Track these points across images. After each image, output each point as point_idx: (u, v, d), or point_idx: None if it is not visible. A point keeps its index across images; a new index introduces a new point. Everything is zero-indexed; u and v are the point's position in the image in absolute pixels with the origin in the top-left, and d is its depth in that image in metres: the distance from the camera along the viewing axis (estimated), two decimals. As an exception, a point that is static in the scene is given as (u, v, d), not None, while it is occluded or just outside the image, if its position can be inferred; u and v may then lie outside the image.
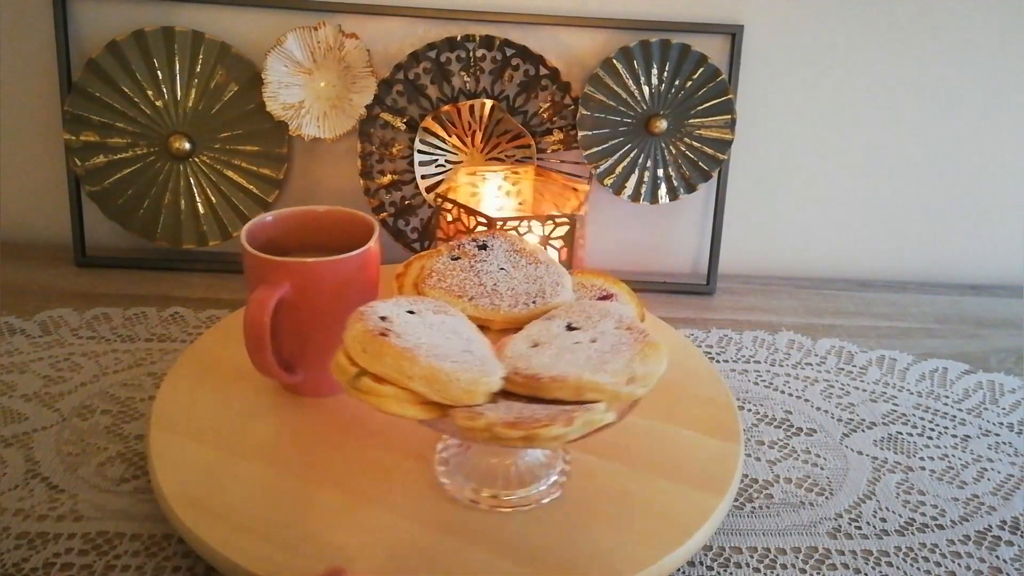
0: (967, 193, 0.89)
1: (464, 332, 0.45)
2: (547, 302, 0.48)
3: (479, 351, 0.44)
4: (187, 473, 0.50)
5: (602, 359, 0.42)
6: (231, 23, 0.79)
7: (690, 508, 0.49)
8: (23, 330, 0.69)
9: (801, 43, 0.82)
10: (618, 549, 0.46)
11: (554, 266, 0.51)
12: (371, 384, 0.40)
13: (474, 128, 0.82)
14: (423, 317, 0.45)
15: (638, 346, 0.43)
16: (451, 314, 0.47)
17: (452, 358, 0.41)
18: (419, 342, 0.42)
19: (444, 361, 0.41)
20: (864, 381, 0.70)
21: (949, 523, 0.55)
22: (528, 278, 0.50)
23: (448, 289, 0.49)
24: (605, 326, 0.45)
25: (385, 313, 0.43)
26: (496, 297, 0.49)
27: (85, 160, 0.79)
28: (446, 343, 0.43)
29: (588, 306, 0.48)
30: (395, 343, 0.41)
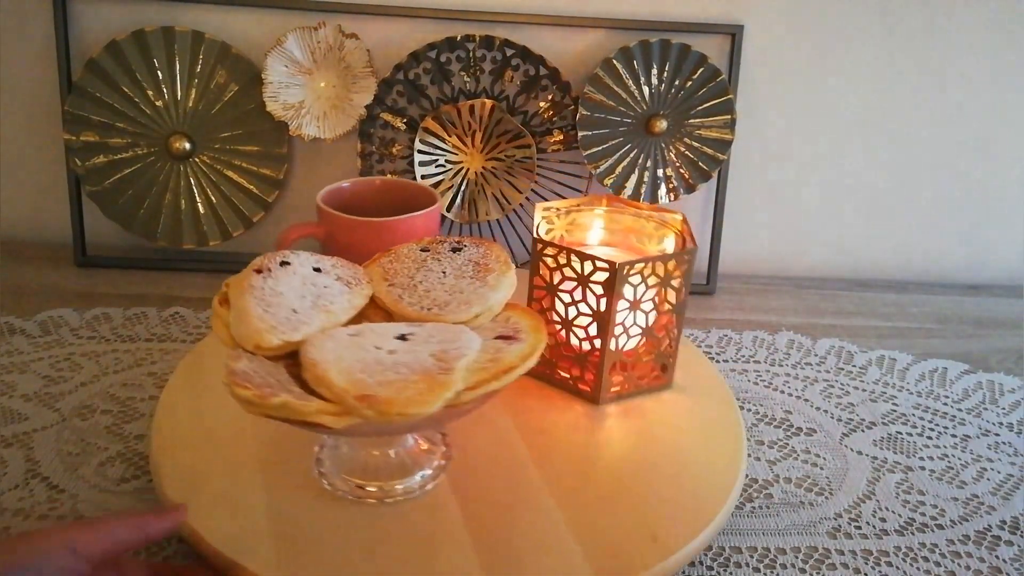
0: (967, 193, 0.89)
1: (323, 297, 0.47)
2: (440, 314, 0.47)
3: (306, 314, 0.45)
4: (188, 473, 0.50)
5: (379, 369, 0.41)
6: (231, 23, 0.79)
7: (693, 510, 0.49)
8: (23, 330, 0.69)
9: (801, 43, 0.82)
10: (620, 550, 0.46)
11: (485, 289, 0.49)
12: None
13: (474, 128, 0.82)
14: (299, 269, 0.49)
15: (420, 380, 0.40)
16: (329, 278, 0.49)
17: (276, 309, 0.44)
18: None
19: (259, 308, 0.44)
20: (864, 381, 0.70)
21: (949, 523, 0.55)
22: (452, 290, 0.49)
23: (384, 269, 0.52)
24: (427, 350, 0.43)
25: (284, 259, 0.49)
26: (410, 292, 0.49)
27: (85, 160, 0.79)
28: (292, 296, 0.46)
29: (455, 331, 0.45)
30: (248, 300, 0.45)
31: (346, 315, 0.47)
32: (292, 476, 0.50)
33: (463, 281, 0.50)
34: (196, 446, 0.52)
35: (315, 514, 0.47)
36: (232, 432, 0.54)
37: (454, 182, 0.83)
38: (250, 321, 0.43)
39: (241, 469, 0.51)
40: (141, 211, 0.81)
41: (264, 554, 0.44)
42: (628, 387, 0.60)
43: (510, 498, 0.49)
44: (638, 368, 0.60)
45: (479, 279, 0.50)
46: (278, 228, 0.86)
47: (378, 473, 0.50)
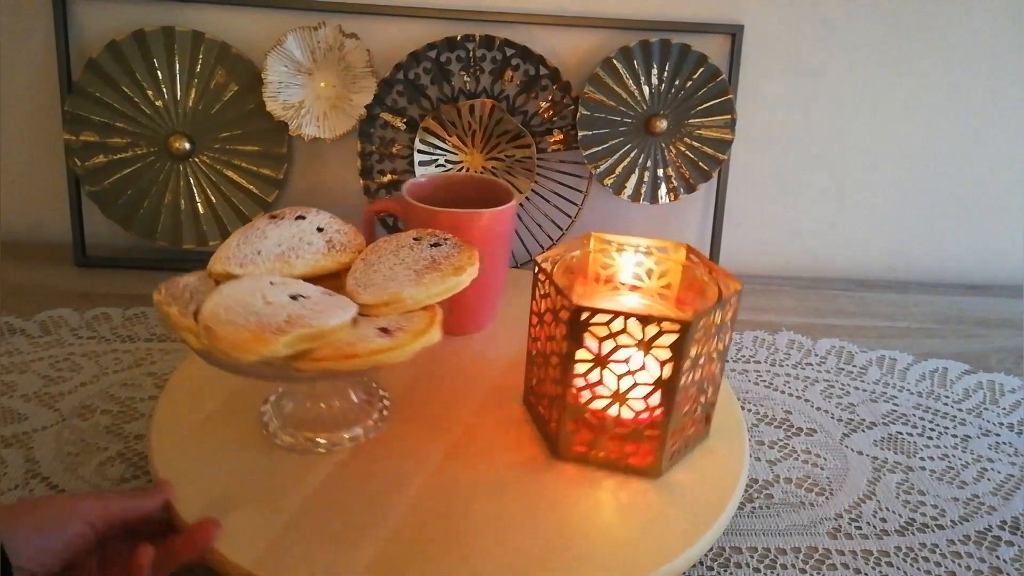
0: (967, 193, 0.89)
1: (294, 250, 0.52)
2: (357, 291, 0.49)
3: (267, 258, 0.51)
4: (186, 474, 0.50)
5: (240, 312, 0.44)
6: (231, 23, 0.79)
7: (695, 511, 0.49)
8: (23, 330, 0.69)
9: (801, 43, 0.82)
10: (622, 553, 0.46)
11: (413, 284, 0.49)
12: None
13: (474, 128, 0.82)
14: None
15: (253, 330, 0.42)
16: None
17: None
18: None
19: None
20: (864, 381, 0.70)
21: (949, 523, 0.54)
22: (389, 276, 0.50)
23: (376, 246, 0.54)
24: (293, 310, 0.45)
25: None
26: (364, 269, 0.51)
27: (85, 160, 0.79)
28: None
29: (335, 304, 0.47)
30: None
31: (302, 269, 0.51)
32: (293, 475, 0.50)
33: (407, 272, 0.50)
34: (194, 445, 0.52)
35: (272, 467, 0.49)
36: (231, 431, 0.54)
37: (454, 182, 0.83)
38: (220, 248, 0.51)
39: (241, 470, 0.50)
40: (141, 211, 0.81)
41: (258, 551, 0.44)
42: (680, 447, 0.52)
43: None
44: (688, 426, 0.52)
45: (420, 274, 0.50)
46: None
47: (321, 425, 0.53)
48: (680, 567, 0.46)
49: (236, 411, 0.56)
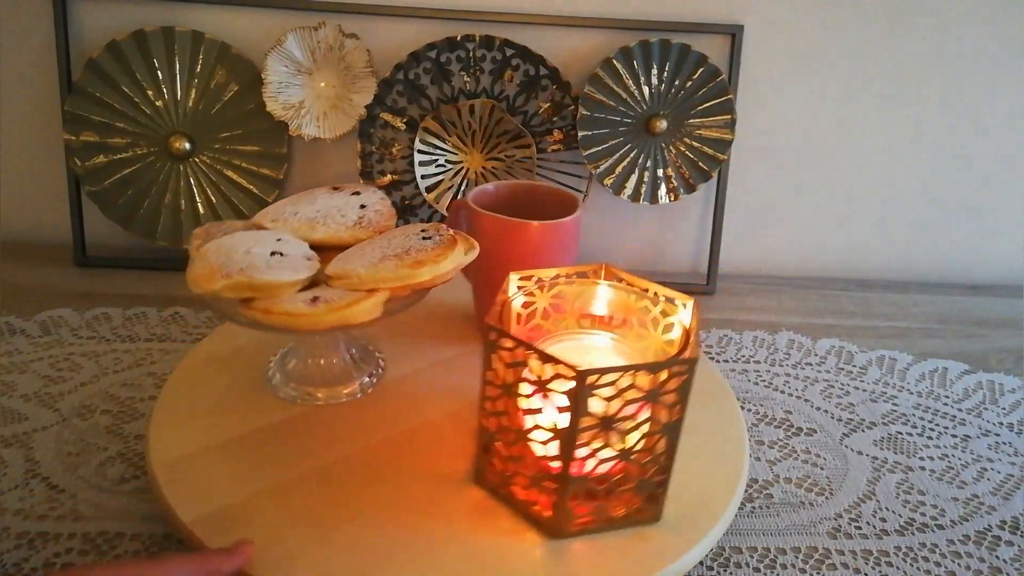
0: (967, 193, 0.89)
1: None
2: (327, 263, 0.53)
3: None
4: (186, 474, 0.50)
5: (215, 255, 0.50)
6: (231, 23, 0.79)
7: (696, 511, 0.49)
8: (23, 330, 0.69)
9: (801, 43, 0.82)
10: (621, 555, 0.46)
11: (369, 264, 0.51)
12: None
13: (474, 128, 0.82)
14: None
15: (208, 270, 0.49)
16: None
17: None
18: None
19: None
20: (864, 381, 0.70)
21: (949, 523, 0.55)
22: (361, 253, 0.53)
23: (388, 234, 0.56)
24: (250, 260, 0.51)
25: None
26: (359, 246, 0.55)
27: (85, 160, 0.79)
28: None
29: (287, 263, 0.51)
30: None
31: (320, 236, 0.56)
32: (291, 475, 0.50)
33: (377, 254, 0.52)
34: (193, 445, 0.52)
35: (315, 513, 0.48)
36: (231, 432, 0.54)
37: (454, 182, 0.83)
38: (273, 204, 0.58)
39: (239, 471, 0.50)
40: (141, 211, 0.81)
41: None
42: (599, 521, 0.47)
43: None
44: (613, 498, 0.47)
45: (385, 259, 0.52)
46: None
47: (321, 380, 0.58)
48: (681, 569, 0.46)
49: (234, 411, 0.56)
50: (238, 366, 0.60)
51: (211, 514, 0.46)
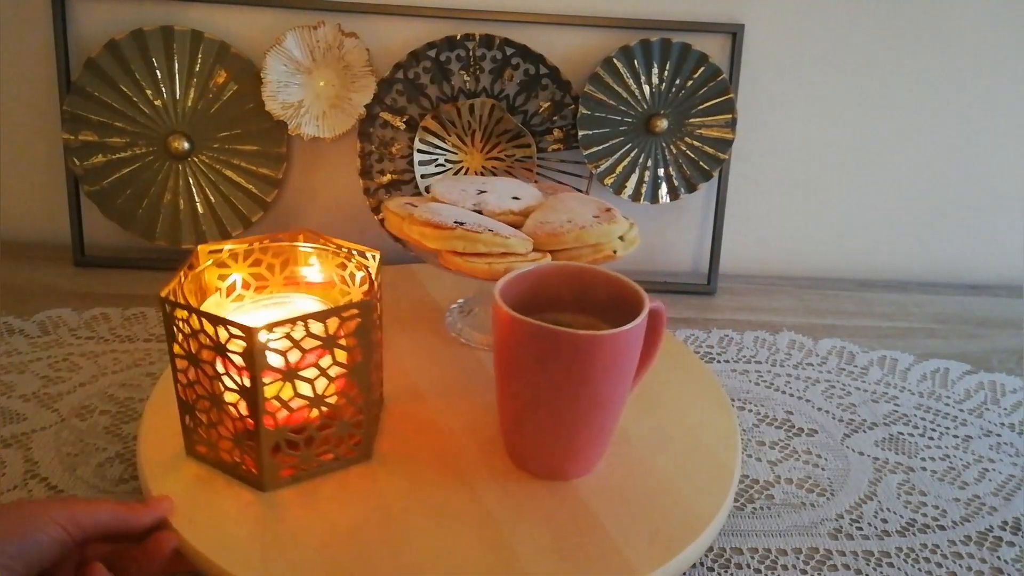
0: (967, 193, 0.89)
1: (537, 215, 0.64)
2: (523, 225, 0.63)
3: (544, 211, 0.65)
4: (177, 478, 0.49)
5: (513, 183, 0.69)
6: (230, 22, 0.79)
7: (687, 516, 0.49)
8: (22, 330, 0.69)
9: (801, 43, 0.82)
10: (615, 556, 0.46)
11: (439, 205, 0.63)
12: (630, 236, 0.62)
13: (474, 128, 0.82)
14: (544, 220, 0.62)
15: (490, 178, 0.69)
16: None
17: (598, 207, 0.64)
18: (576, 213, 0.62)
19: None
20: (865, 381, 0.70)
21: (950, 524, 0.54)
22: (463, 211, 0.62)
23: (521, 235, 0.61)
24: (471, 183, 0.67)
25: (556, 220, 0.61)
26: (498, 223, 0.62)
27: (84, 160, 0.79)
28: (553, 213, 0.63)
29: (446, 191, 0.65)
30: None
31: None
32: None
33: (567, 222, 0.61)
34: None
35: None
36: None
37: (454, 182, 0.83)
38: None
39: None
40: (140, 211, 0.81)
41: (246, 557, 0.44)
42: (309, 466, 0.49)
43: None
44: (316, 444, 0.49)
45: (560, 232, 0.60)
46: (277, 227, 0.86)
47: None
48: (675, 570, 0.46)
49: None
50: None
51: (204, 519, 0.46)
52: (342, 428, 0.49)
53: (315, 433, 0.48)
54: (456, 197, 0.64)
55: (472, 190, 0.65)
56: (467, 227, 0.57)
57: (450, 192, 0.65)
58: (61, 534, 0.40)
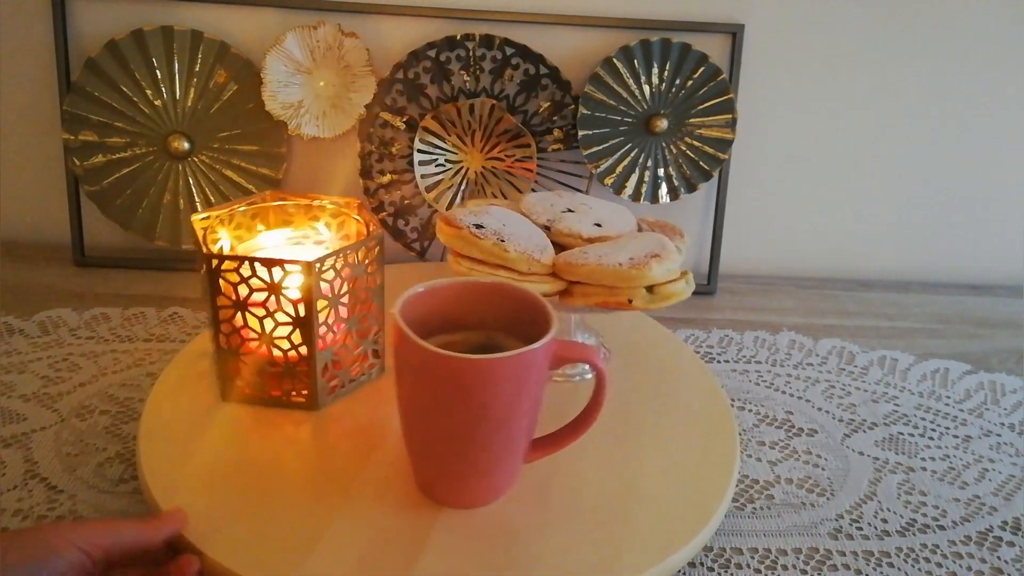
0: (967, 193, 0.89)
1: (591, 246, 0.60)
2: (537, 224, 0.61)
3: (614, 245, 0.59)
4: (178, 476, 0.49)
5: (609, 208, 0.65)
6: (230, 22, 0.79)
7: (683, 516, 0.49)
8: (22, 330, 0.69)
9: (801, 43, 0.82)
10: (613, 555, 0.46)
11: (495, 208, 0.61)
12: (665, 288, 0.55)
13: (474, 128, 0.82)
14: (586, 249, 0.58)
15: (593, 200, 0.65)
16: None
17: (642, 251, 0.56)
18: (630, 251, 0.56)
19: (652, 252, 0.56)
20: (865, 381, 0.70)
21: (950, 524, 0.54)
22: (514, 219, 0.60)
23: (543, 252, 0.57)
24: (562, 201, 0.64)
25: (587, 252, 0.56)
26: (539, 236, 0.59)
27: (84, 160, 0.79)
28: (615, 246, 0.58)
29: (531, 205, 0.63)
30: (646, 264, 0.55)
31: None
32: (289, 479, 0.50)
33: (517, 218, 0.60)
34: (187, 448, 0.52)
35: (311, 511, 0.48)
36: (225, 433, 0.53)
37: (454, 182, 0.83)
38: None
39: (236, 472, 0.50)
40: (140, 211, 0.81)
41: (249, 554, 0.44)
42: (342, 383, 0.57)
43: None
44: (348, 362, 0.57)
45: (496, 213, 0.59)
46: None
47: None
48: (670, 569, 0.46)
49: (232, 410, 0.56)
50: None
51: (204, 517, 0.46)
52: (368, 345, 0.58)
53: (350, 352, 0.56)
54: (537, 210, 0.62)
55: (560, 207, 0.63)
56: (473, 231, 0.56)
57: (535, 204, 0.63)
58: (80, 557, 0.39)
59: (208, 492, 0.48)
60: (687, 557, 0.47)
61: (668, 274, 0.55)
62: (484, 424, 0.44)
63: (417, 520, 0.47)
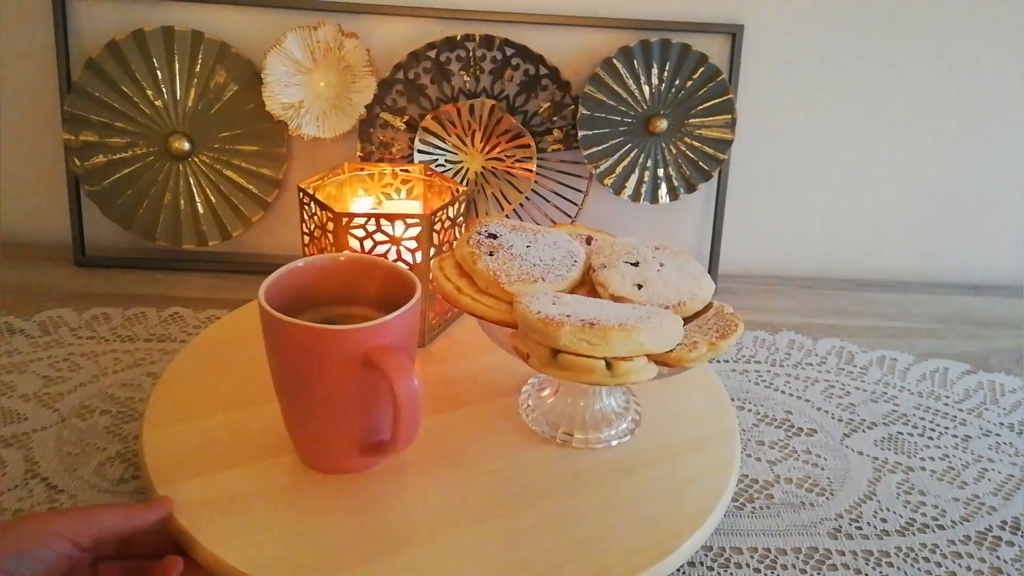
0: (967, 193, 0.89)
1: (590, 299, 0.51)
2: (580, 258, 0.56)
3: (625, 306, 0.50)
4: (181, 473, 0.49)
5: (686, 272, 0.55)
6: (231, 23, 0.79)
7: (684, 513, 0.49)
8: (23, 330, 0.69)
9: (801, 43, 0.82)
10: (613, 553, 0.46)
11: (549, 230, 0.58)
12: (625, 365, 0.45)
13: (474, 128, 0.82)
14: (563, 302, 0.49)
15: (681, 255, 0.56)
16: (557, 294, 0.52)
17: (635, 316, 0.47)
18: (607, 315, 0.47)
19: (643, 321, 0.47)
20: (865, 381, 0.70)
21: (950, 523, 0.54)
22: (549, 245, 0.56)
23: (522, 279, 0.52)
24: (646, 253, 0.55)
25: (553, 311, 0.47)
26: (553, 269, 0.54)
27: (85, 160, 0.79)
28: (611, 309, 0.49)
29: (609, 247, 0.56)
30: (609, 324, 0.45)
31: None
32: (291, 474, 0.50)
33: (540, 238, 0.56)
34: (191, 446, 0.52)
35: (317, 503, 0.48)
36: (228, 431, 0.54)
37: (454, 182, 0.83)
38: (668, 331, 0.49)
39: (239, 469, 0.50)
40: (140, 211, 0.81)
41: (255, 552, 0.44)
42: (440, 321, 0.66)
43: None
44: (440, 303, 0.65)
45: (532, 232, 0.56)
46: (277, 227, 0.86)
47: (573, 423, 0.56)
48: (669, 567, 0.46)
49: (231, 410, 0.56)
50: (232, 364, 0.60)
51: (207, 516, 0.46)
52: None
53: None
54: (613, 255, 0.56)
55: (651, 265, 0.55)
56: (476, 237, 0.54)
57: (619, 249, 0.56)
58: (67, 547, 0.39)
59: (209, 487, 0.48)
60: (686, 556, 0.47)
61: (595, 348, 0.45)
62: (289, 385, 0.48)
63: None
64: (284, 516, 0.47)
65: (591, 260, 0.56)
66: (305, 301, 0.51)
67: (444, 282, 0.53)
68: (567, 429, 0.55)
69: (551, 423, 0.56)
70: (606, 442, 0.55)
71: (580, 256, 0.56)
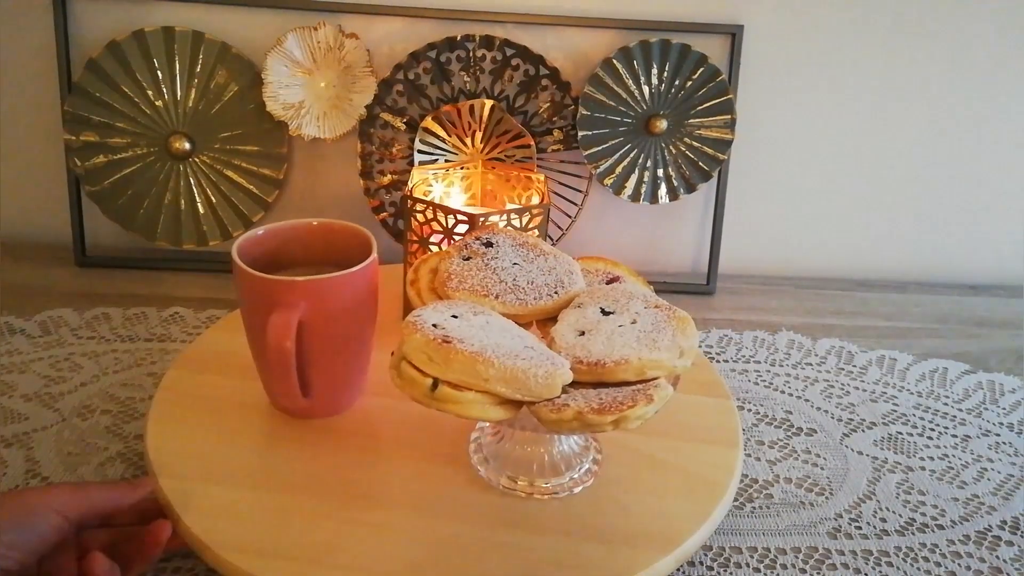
0: (967, 193, 0.89)
1: (513, 329, 0.47)
2: (567, 291, 0.50)
3: (537, 346, 0.45)
4: (187, 474, 0.50)
5: (650, 338, 0.45)
6: (231, 23, 0.79)
7: (687, 511, 0.49)
8: (23, 330, 0.69)
9: (801, 43, 0.82)
10: (613, 551, 0.46)
11: (561, 256, 0.53)
12: (450, 392, 0.41)
13: (474, 128, 0.82)
14: (467, 320, 0.45)
15: (674, 321, 0.47)
16: (489, 314, 0.47)
17: (519, 355, 0.42)
18: (484, 344, 0.42)
19: (515, 359, 0.42)
20: (864, 381, 0.70)
21: (949, 523, 0.55)
22: (542, 270, 0.51)
23: (472, 289, 0.49)
24: (636, 307, 0.48)
25: (435, 320, 0.44)
26: (519, 292, 0.50)
27: (85, 160, 0.79)
28: (506, 342, 0.44)
29: (609, 290, 0.50)
30: (462, 348, 0.41)
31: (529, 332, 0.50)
32: (293, 475, 0.50)
33: (536, 259, 0.52)
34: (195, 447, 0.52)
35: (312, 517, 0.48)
36: (231, 431, 0.54)
37: (454, 182, 0.83)
38: (527, 373, 0.42)
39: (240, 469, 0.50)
40: (141, 211, 0.81)
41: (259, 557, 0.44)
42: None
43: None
44: None
45: (539, 252, 0.53)
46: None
47: (530, 470, 0.51)
48: (669, 567, 0.46)
49: (232, 408, 0.56)
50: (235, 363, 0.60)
51: (213, 517, 0.46)
52: None
53: None
54: (581, 299, 0.50)
55: (591, 309, 0.49)
56: (459, 255, 0.52)
57: (598, 291, 0.51)
58: (58, 520, 0.41)
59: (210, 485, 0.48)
60: (686, 555, 0.47)
61: (432, 365, 0.42)
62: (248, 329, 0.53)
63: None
64: (280, 509, 0.47)
65: (579, 297, 0.50)
66: (287, 260, 0.57)
67: (411, 273, 0.53)
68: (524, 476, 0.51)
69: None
70: (569, 490, 0.51)
71: (569, 290, 0.50)
